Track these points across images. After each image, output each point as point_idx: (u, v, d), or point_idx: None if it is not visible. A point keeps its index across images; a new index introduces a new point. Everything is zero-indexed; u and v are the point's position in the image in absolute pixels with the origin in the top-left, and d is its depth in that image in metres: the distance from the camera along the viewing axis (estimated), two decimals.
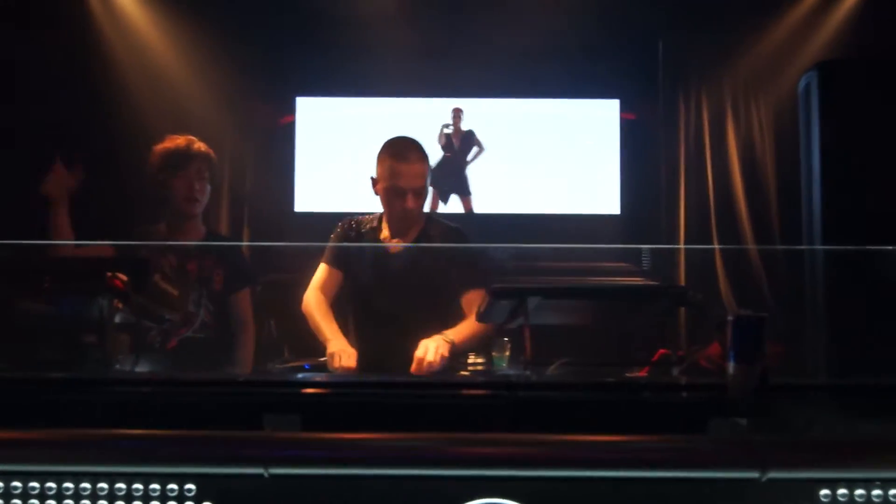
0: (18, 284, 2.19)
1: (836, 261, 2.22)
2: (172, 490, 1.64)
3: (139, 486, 1.63)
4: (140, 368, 2.46)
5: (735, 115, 5.27)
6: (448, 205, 5.46)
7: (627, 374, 2.59)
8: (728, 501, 1.60)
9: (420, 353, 2.96)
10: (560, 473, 1.67)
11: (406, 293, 3.22)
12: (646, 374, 2.63)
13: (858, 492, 1.60)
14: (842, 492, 1.61)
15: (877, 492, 1.60)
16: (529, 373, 2.40)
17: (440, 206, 5.40)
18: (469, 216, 5.39)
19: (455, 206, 5.46)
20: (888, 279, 2.30)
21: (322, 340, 3.20)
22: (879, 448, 1.63)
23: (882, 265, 2.25)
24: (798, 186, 2.81)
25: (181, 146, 3.28)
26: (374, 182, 3.30)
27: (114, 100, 4.77)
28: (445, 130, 5.47)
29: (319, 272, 3.36)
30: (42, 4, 4.52)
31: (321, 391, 1.98)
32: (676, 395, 1.95)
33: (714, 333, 2.59)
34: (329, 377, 2.91)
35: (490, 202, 5.46)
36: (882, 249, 2.18)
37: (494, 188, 5.46)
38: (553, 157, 5.46)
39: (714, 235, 5.19)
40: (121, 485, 1.63)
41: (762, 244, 5.06)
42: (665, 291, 2.64)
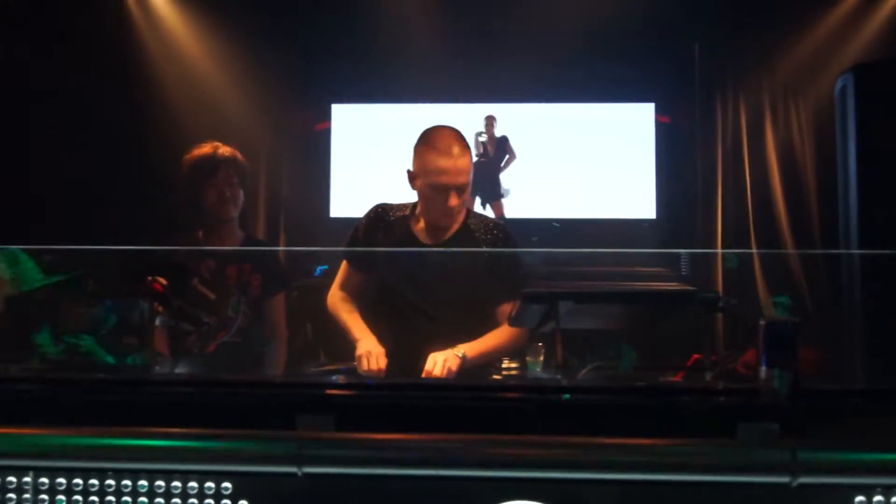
0: (64, 288, 2.24)
1: (872, 264, 2.20)
2: (210, 488, 1.67)
3: (177, 484, 1.67)
4: (179, 371, 2.51)
5: (773, 118, 5.23)
6: (483, 210, 5.47)
7: (660, 379, 2.58)
8: None
9: (429, 366, 2.90)
10: (589, 476, 1.67)
11: (437, 293, 3.11)
12: (679, 380, 2.62)
13: None
14: (878, 499, 1.60)
15: None
16: (560, 376, 2.40)
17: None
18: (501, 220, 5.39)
19: (487, 212, 5.47)
20: None
21: (352, 340, 3.12)
22: None
23: None
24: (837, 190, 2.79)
25: (207, 153, 3.32)
26: (413, 177, 3.10)
27: (152, 107, 4.85)
28: (480, 138, 5.48)
29: (342, 270, 3.27)
30: (82, 12, 4.59)
31: (354, 392, 2.01)
32: (707, 400, 1.94)
33: (751, 339, 2.57)
34: (361, 379, 2.92)
35: (525, 207, 5.46)
36: None
37: (529, 193, 5.47)
38: (588, 162, 5.45)
39: (752, 239, 5.15)
40: (160, 482, 1.67)
41: (801, 248, 5.01)
42: (697, 296, 2.63)
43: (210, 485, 1.67)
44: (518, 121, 5.51)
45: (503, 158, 5.50)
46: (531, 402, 2.02)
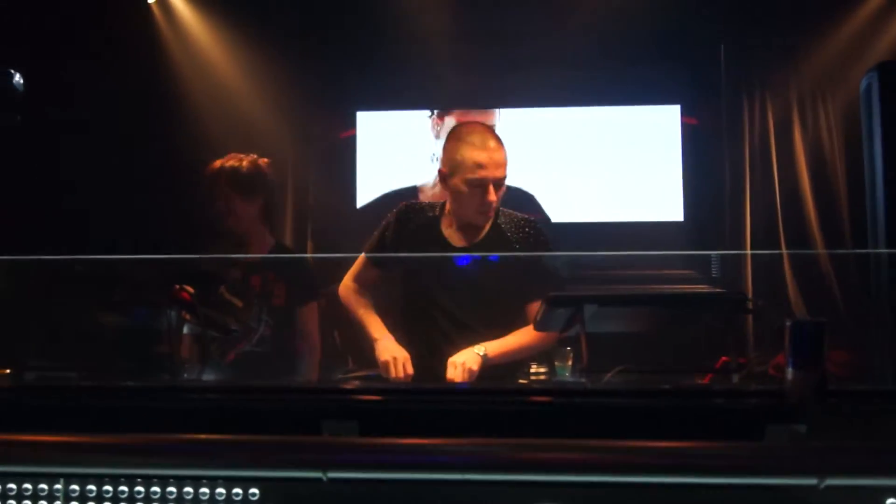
0: (91, 297, 2.27)
1: None
2: (237, 494, 1.69)
3: (205, 490, 1.68)
4: (204, 378, 2.53)
5: (801, 118, 5.18)
6: None
7: (688, 382, 2.57)
8: None
9: (450, 373, 2.86)
10: (616, 479, 1.67)
11: (468, 296, 3.06)
12: (708, 382, 2.61)
13: None
14: None
15: None
16: (585, 380, 2.40)
17: None
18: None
19: None
20: None
21: (369, 337, 3.09)
22: None
23: None
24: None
25: (224, 167, 3.33)
26: (445, 176, 3.01)
27: (179, 115, 4.89)
28: None
29: (359, 261, 3.20)
30: (108, 21, 4.64)
31: (378, 398, 2.01)
32: (734, 402, 1.93)
33: (780, 341, 2.55)
34: (385, 384, 2.92)
35: (553, 211, 5.45)
36: None
37: (556, 197, 5.45)
38: (614, 165, 5.43)
39: (781, 241, 5.10)
40: (188, 488, 1.68)
41: (831, 249, 4.97)
42: (725, 298, 2.61)
43: (237, 490, 1.69)
44: (543, 126, 5.50)
45: None
46: (556, 406, 2.02)
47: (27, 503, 1.68)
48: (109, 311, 2.21)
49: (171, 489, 1.68)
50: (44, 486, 1.68)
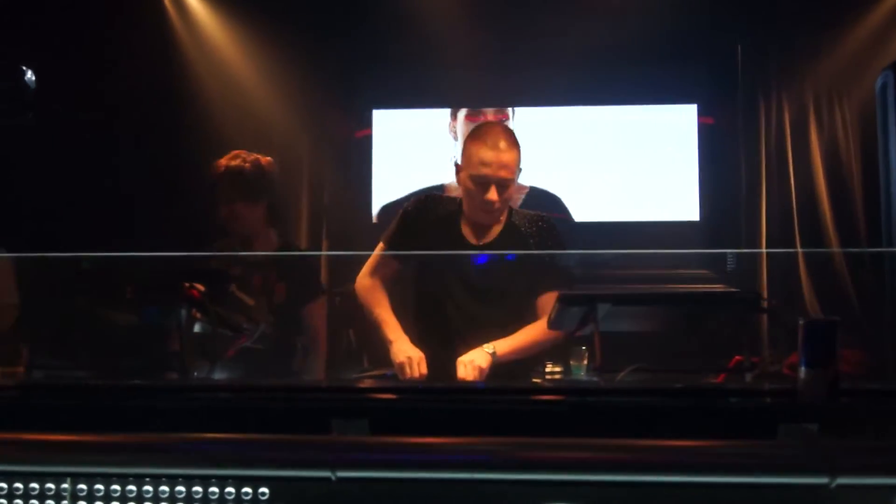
0: (101, 295, 2.27)
1: None
2: (247, 493, 1.69)
3: (215, 490, 1.68)
4: (212, 376, 2.53)
5: (817, 117, 5.15)
6: None
7: (701, 381, 2.56)
8: None
9: (460, 372, 2.86)
10: (626, 478, 1.66)
11: (482, 294, 3.07)
12: (722, 381, 2.60)
13: None
14: None
15: None
16: (598, 379, 2.39)
17: None
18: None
19: None
20: None
21: (384, 338, 3.08)
22: None
23: None
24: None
25: (224, 166, 3.32)
26: (458, 169, 3.05)
27: (193, 112, 4.89)
28: None
29: (376, 255, 3.18)
30: (122, 17, 4.65)
31: (388, 396, 2.01)
32: (747, 401, 1.92)
33: (795, 341, 2.54)
34: (396, 383, 2.92)
35: (569, 209, 5.43)
36: None
37: (572, 196, 5.44)
38: (630, 164, 5.41)
39: (797, 240, 5.07)
40: (197, 488, 1.68)
41: (847, 248, 4.93)
42: (738, 297, 2.60)
43: (247, 490, 1.69)
44: (559, 124, 5.48)
45: None
46: (568, 405, 2.01)
47: (34, 502, 1.67)
48: (119, 309, 2.21)
49: (180, 488, 1.67)
50: (51, 486, 1.67)
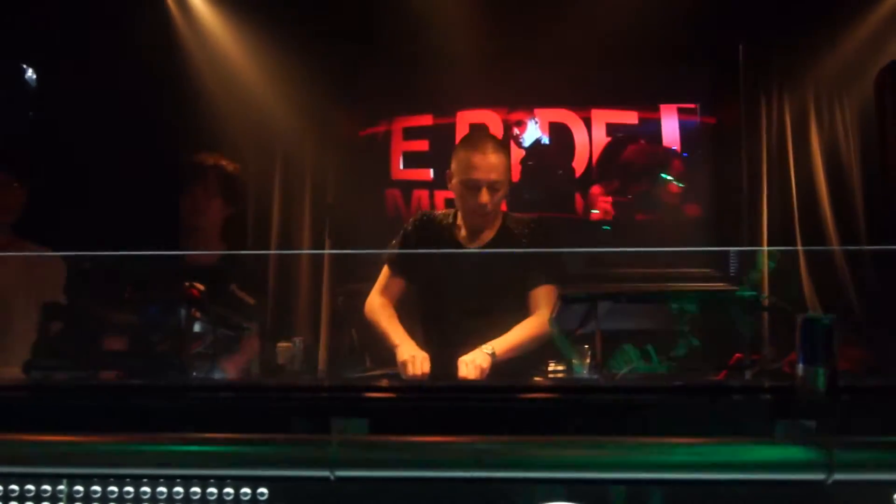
0: (99, 294, 2.28)
1: None
2: (246, 494, 1.69)
3: (213, 490, 1.68)
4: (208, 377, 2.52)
5: (818, 116, 5.15)
6: None
7: (701, 378, 2.56)
8: None
9: (461, 372, 2.91)
10: (626, 476, 1.66)
11: (477, 296, 3.14)
12: (722, 378, 2.60)
13: None
14: None
15: None
16: (598, 377, 2.39)
17: None
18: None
19: None
20: None
21: (390, 346, 3.14)
22: None
23: None
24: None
25: (193, 162, 3.34)
26: (449, 177, 3.17)
27: (195, 109, 4.88)
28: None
29: (383, 276, 3.28)
30: (122, 16, 4.64)
31: (389, 395, 2.01)
32: (746, 398, 1.92)
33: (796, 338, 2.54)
34: (396, 382, 2.93)
35: (570, 209, 5.43)
36: None
37: (573, 195, 5.44)
38: (632, 164, 5.40)
39: (797, 238, 5.07)
40: (196, 488, 1.68)
41: (848, 246, 4.93)
42: (737, 295, 2.60)
43: (246, 490, 1.69)
44: (563, 125, 5.48)
45: None
46: (568, 403, 2.01)
47: None
48: (118, 309, 2.21)
49: (179, 489, 1.67)
50: (47, 487, 1.67)
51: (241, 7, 5.07)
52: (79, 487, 1.67)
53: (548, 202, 5.33)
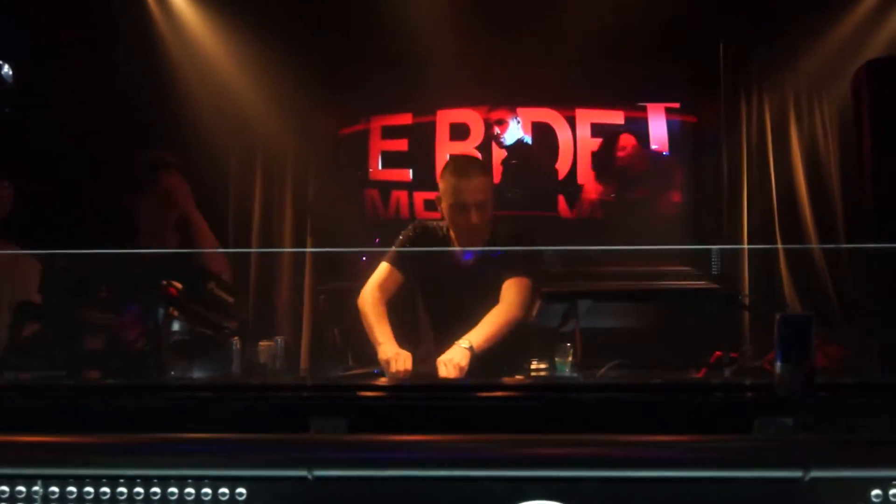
0: (75, 293, 2.26)
1: (888, 258, 2.17)
2: (224, 494, 1.67)
3: (191, 490, 1.67)
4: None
5: (797, 115, 5.18)
6: None
7: (681, 376, 2.57)
8: (772, 501, 1.58)
9: (441, 372, 2.95)
10: (606, 473, 1.66)
11: (468, 300, 3.21)
12: (702, 376, 2.61)
13: None
14: (894, 492, 1.57)
15: None
16: (578, 375, 2.40)
17: None
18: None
19: None
20: None
21: (373, 342, 3.20)
22: None
23: None
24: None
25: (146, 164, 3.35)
26: (439, 201, 3.36)
27: (178, 109, 4.85)
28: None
29: (380, 270, 3.35)
30: (101, 13, 4.61)
31: (368, 394, 2.01)
32: (725, 396, 1.93)
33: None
34: (374, 381, 2.93)
35: (551, 208, 5.44)
36: None
37: (555, 194, 5.44)
38: (611, 163, 5.41)
39: (777, 237, 5.10)
40: (173, 489, 1.67)
41: (826, 244, 4.96)
42: (718, 294, 2.62)
43: (224, 490, 1.67)
44: (543, 124, 5.48)
45: None
46: (548, 401, 2.01)
47: None
48: (94, 308, 2.19)
49: (156, 490, 1.66)
50: (21, 489, 1.65)
51: (221, 4, 5.04)
52: (54, 489, 1.65)
53: (530, 201, 5.34)
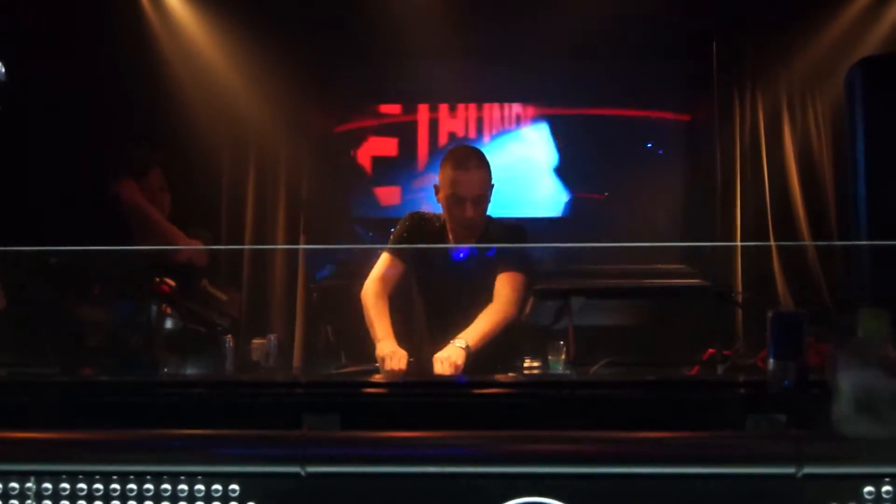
0: (69, 290, 2.25)
1: (881, 257, 2.17)
2: (217, 490, 1.67)
3: (184, 487, 1.67)
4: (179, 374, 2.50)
5: (790, 114, 5.19)
6: None
7: (674, 373, 2.57)
8: (765, 497, 1.59)
9: (437, 369, 2.93)
10: (599, 470, 1.67)
11: (464, 296, 3.20)
12: (695, 374, 2.61)
13: None
14: (886, 489, 1.58)
15: None
16: (571, 372, 2.40)
17: None
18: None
19: None
20: None
21: (373, 337, 3.17)
22: None
23: None
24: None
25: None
26: (437, 190, 3.29)
27: (169, 107, 4.84)
28: None
29: (381, 261, 3.33)
30: (95, 12, 4.59)
31: (361, 391, 2.01)
32: (718, 393, 1.94)
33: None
34: (369, 379, 2.93)
35: (543, 206, 5.44)
36: None
37: (547, 192, 5.45)
38: (606, 161, 5.42)
39: (770, 234, 5.11)
40: (166, 485, 1.67)
41: (820, 242, 4.97)
42: (711, 291, 2.62)
43: (217, 487, 1.67)
44: (539, 122, 5.49)
45: None
46: (541, 398, 2.02)
47: None
48: (87, 305, 2.19)
49: (148, 486, 1.66)
50: (14, 485, 1.65)
51: (215, 2, 5.03)
52: (47, 485, 1.64)
53: (521, 200, 5.35)
